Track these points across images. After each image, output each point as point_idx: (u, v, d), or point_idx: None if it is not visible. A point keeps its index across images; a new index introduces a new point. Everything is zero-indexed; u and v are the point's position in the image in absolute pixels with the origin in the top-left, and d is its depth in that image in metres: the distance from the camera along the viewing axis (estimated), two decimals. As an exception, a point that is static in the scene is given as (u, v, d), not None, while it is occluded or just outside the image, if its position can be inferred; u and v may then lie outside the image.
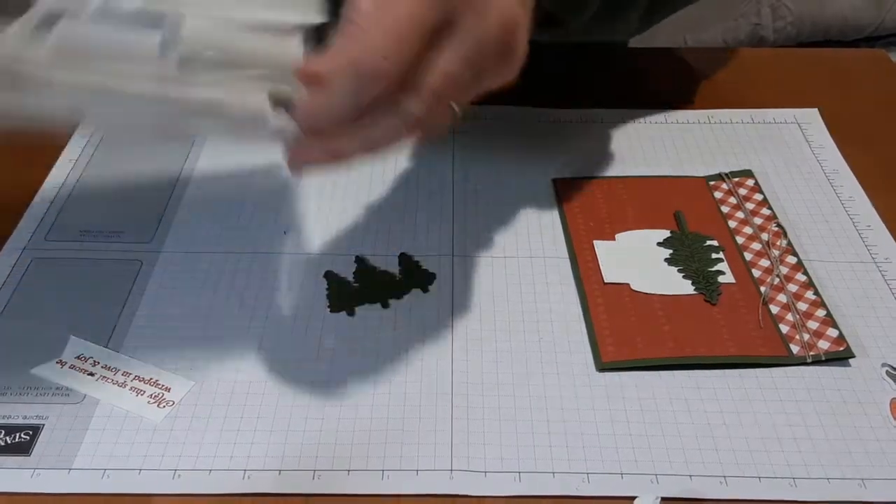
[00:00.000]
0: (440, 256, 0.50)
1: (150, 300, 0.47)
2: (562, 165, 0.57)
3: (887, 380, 0.43)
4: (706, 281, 0.48)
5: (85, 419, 0.40)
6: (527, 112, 0.61)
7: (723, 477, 0.39)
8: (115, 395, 0.41)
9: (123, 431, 0.40)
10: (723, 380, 0.43)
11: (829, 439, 0.40)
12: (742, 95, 0.64)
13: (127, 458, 0.39)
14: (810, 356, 0.44)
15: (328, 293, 0.47)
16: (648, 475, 0.39)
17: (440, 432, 0.40)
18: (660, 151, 0.58)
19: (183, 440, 0.40)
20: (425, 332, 0.45)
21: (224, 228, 0.51)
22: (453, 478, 0.38)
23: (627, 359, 0.44)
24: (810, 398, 0.42)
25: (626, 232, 0.51)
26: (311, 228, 0.52)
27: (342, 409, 0.41)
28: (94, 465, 0.39)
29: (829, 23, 1.34)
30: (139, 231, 0.51)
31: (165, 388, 0.42)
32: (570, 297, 0.47)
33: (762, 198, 0.54)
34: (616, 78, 0.66)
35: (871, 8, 1.34)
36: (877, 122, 0.62)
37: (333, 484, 0.38)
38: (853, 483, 0.39)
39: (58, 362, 0.43)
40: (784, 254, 0.50)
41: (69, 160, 0.56)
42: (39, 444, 0.39)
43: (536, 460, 0.39)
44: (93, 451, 0.39)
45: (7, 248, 0.50)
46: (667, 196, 0.54)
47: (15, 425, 0.40)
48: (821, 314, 0.46)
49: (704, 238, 0.51)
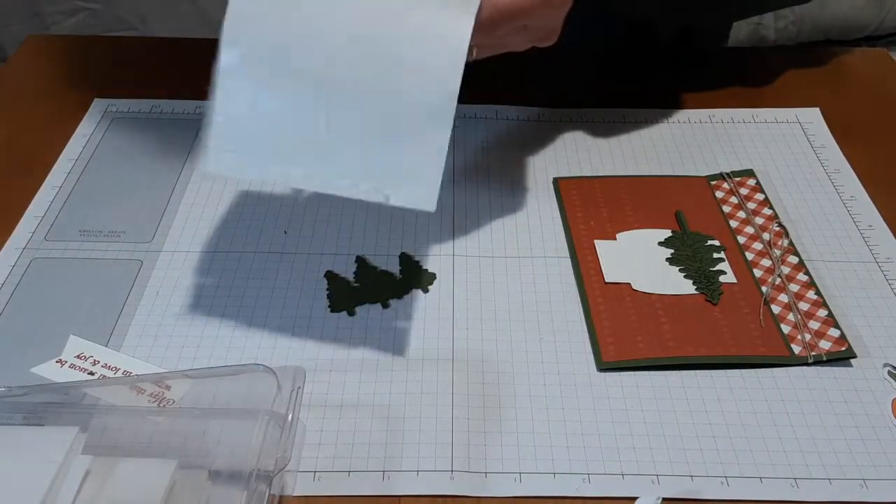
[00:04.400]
0: (440, 256, 0.50)
1: (150, 300, 0.47)
2: (562, 165, 0.57)
3: (889, 380, 0.43)
4: (707, 281, 0.48)
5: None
6: (527, 112, 0.61)
7: (724, 477, 0.39)
8: (115, 394, 0.41)
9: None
10: (724, 380, 0.43)
11: (831, 439, 0.40)
12: (743, 95, 0.64)
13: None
14: (812, 356, 0.44)
15: (328, 293, 0.47)
16: (649, 476, 0.39)
17: (440, 433, 0.40)
18: (661, 151, 0.58)
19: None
20: (425, 332, 0.45)
21: (224, 228, 0.51)
22: (454, 478, 0.38)
23: (628, 359, 0.44)
24: (812, 398, 0.42)
25: (627, 231, 0.51)
26: (311, 228, 0.52)
27: (342, 409, 0.41)
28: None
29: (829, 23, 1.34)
30: (139, 231, 0.51)
31: (166, 386, 0.42)
32: (571, 296, 0.47)
33: (763, 197, 0.54)
34: (616, 78, 0.66)
35: (872, 8, 1.34)
36: (878, 121, 0.62)
37: (334, 485, 0.38)
38: (854, 483, 0.38)
39: (58, 361, 0.43)
40: (785, 253, 0.50)
41: (69, 160, 0.56)
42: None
43: (537, 461, 0.39)
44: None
45: (7, 248, 0.50)
46: (668, 196, 0.54)
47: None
48: (822, 314, 0.46)
49: (706, 238, 0.51)
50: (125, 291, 0.47)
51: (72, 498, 0.34)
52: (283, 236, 0.51)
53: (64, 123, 0.59)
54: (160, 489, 0.34)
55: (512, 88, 0.63)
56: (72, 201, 0.53)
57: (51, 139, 0.58)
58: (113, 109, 0.61)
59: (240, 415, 0.37)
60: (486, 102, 0.62)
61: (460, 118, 0.60)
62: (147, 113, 0.60)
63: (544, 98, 0.62)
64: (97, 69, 0.66)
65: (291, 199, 0.53)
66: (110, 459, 0.36)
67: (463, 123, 0.60)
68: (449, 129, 0.39)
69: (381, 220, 0.52)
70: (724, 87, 0.65)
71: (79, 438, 0.36)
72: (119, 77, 0.64)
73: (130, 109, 0.61)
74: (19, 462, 0.35)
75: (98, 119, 0.60)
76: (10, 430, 0.37)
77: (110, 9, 1.31)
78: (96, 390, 0.41)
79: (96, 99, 0.62)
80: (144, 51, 0.70)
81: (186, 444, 0.38)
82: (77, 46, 0.69)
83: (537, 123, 0.61)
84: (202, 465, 0.36)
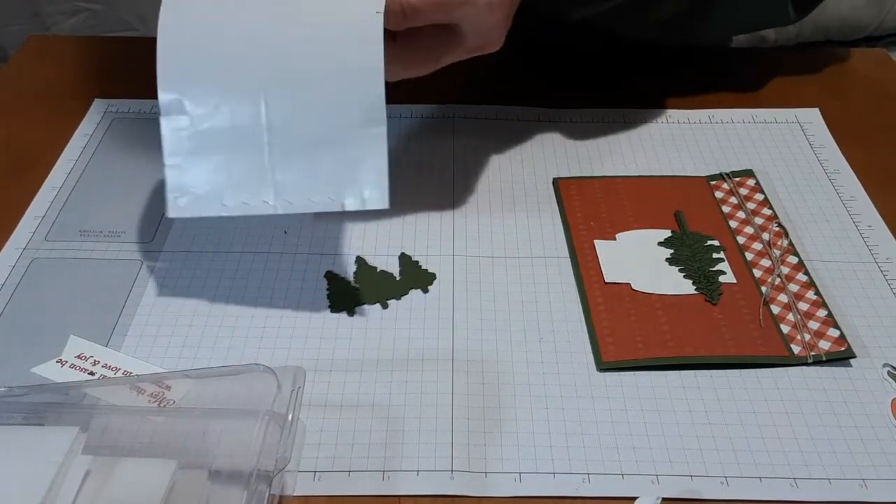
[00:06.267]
0: (440, 256, 0.50)
1: (149, 300, 0.47)
2: (562, 165, 0.57)
3: (888, 380, 0.43)
4: (707, 281, 0.48)
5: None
6: (527, 112, 0.61)
7: (724, 477, 0.39)
8: (115, 394, 0.41)
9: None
10: (724, 380, 0.43)
11: (830, 439, 0.40)
12: (743, 95, 0.64)
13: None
14: (811, 356, 0.44)
15: (328, 293, 0.47)
16: (649, 476, 0.39)
17: (440, 433, 0.40)
18: (660, 151, 0.58)
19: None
20: (425, 332, 0.45)
21: (224, 228, 0.51)
22: (454, 478, 0.38)
23: (628, 359, 0.44)
24: (811, 398, 0.42)
25: (626, 232, 0.51)
26: (311, 228, 0.52)
27: (342, 409, 0.41)
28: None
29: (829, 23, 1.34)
30: (139, 231, 0.51)
31: (166, 386, 0.42)
32: (571, 296, 0.47)
33: (763, 197, 0.54)
34: (617, 78, 0.66)
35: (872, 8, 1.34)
36: (878, 121, 0.62)
37: (334, 485, 0.38)
38: (854, 483, 0.38)
39: (58, 361, 0.43)
40: (785, 254, 0.50)
41: (69, 160, 0.56)
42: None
43: (537, 461, 0.39)
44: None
45: (7, 248, 0.50)
46: (668, 196, 0.54)
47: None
48: (822, 314, 0.46)
49: (705, 238, 0.51)
50: (125, 291, 0.47)
51: (72, 498, 0.34)
52: (283, 236, 0.51)
53: (64, 123, 0.59)
54: (160, 489, 0.34)
55: (512, 88, 0.63)
56: (72, 201, 0.53)
57: (51, 139, 0.58)
58: (113, 109, 0.61)
59: (240, 415, 0.37)
60: (486, 102, 0.62)
61: (460, 118, 0.60)
62: (147, 113, 0.60)
63: (544, 98, 0.62)
64: (97, 69, 0.66)
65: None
66: (110, 459, 0.36)
67: (463, 124, 0.60)
68: (384, 127, 0.41)
69: (381, 221, 0.52)
70: (724, 87, 0.65)
71: (79, 438, 0.36)
72: (119, 77, 0.64)
73: (130, 109, 0.61)
74: (19, 462, 0.35)
75: (98, 119, 0.60)
76: (10, 430, 0.37)
77: (110, 9, 1.31)
78: (96, 390, 0.41)
79: (96, 99, 0.62)
80: (144, 51, 0.69)
81: (186, 444, 0.38)
82: (77, 46, 0.69)
83: (537, 123, 0.61)
84: (202, 465, 0.36)
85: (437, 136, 0.59)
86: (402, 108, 0.61)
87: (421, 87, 0.49)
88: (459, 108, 0.61)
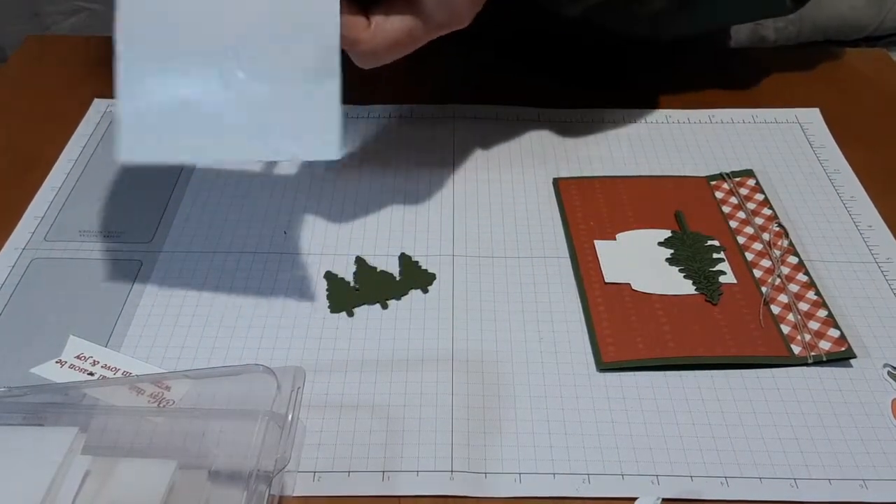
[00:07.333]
0: (440, 256, 0.50)
1: (149, 300, 0.47)
2: (562, 165, 0.57)
3: (888, 380, 0.43)
4: (707, 281, 0.48)
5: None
6: (527, 112, 0.61)
7: (724, 478, 0.39)
8: (114, 395, 0.41)
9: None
10: (724, 380, 0.43)
11: (831, 440, 0.40)
12: (743, 95, 0.64)
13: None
14: (811, 356, 0.44)
15: (328, 293, 0.47)
16: (649, 476, 0.39)
17: (440, 433, 0.40)
18: (660, 151, 0.58)
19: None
20: (425, 333, 0.45)
21: (224, 228, 0.51)
22: (453, 479, 0.38)
23: (628, 359, 0.44)
24: (811, 398, 0.42)
25: (626, 232, 0.51)
26: (311, 228, 0.52)
27: (342, 409, 0.41)
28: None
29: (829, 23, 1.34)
30: (139, 231, 0.51)
31: (165, 387, 0.42)
32: (571, 297, 0.47)
33: (763, 198, 0.54)
34: (617, 78, 0.66)
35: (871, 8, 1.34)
36: (878, 121, 0.62)
37: (334, 485, 0.38)
38: (854, 484, 0.38)
39: (57, 362, 0.43)
40: (785, 254, 0.50)
41: (69, 160, 0.56)
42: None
43: (537, 461, 0.39)
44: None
45: (6, 248, 0.50)
46: (668, 196, 0.54)
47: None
48: (822, 314, 0.46)
49: (705, 238, 0.51)
50: (125, 291, 0.47)
51: (71, 498, 0.34)
52: (283, 236, 0.51)
53: (64, 123, 0.59)
54: (160, 489, 0.34)
55: (512, 88, 0.63)
56: (71, 201, 0.53)
57: (51, 139, 0.58)
58: (113, 109, 0.61)
59: (239, 415, 0.37)
60: (486, 103, 0.62)
61: (460, 118, 0.60)
62: (147, 113, 0.60)
63: (544, 98, 0.62)
64: (97, 69, 0.66)
65: (291, 199, 0.53)
66: (110, 460, 0.36)
67: (463, 124, 0.60)
68: (337, 78, 0.40)
69: (381, 221, 0.52)
70: (724, 87, 0.65)
71: (79, 439, 0.36)
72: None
73: (130, 109, 0.61)
74: (19, 462, 0.35)
75: (98, 119, 0.60)
76: (9, 430, 0.37)
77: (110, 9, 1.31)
78: (96, 391, 0.41)
79: (96, 99, 0.62)
80: (144, 51, 0.69)
81: (186, 445, 0.38)
82: (77, 46, 0.69)
83: (537, 123, 0.61)
84: (202, 465, 0.36)
85: (437, 136, 0.59)
86: (401, 108, 0.61)
87: (421, 87, 0.49)
88: (459, 108, 0.61)
